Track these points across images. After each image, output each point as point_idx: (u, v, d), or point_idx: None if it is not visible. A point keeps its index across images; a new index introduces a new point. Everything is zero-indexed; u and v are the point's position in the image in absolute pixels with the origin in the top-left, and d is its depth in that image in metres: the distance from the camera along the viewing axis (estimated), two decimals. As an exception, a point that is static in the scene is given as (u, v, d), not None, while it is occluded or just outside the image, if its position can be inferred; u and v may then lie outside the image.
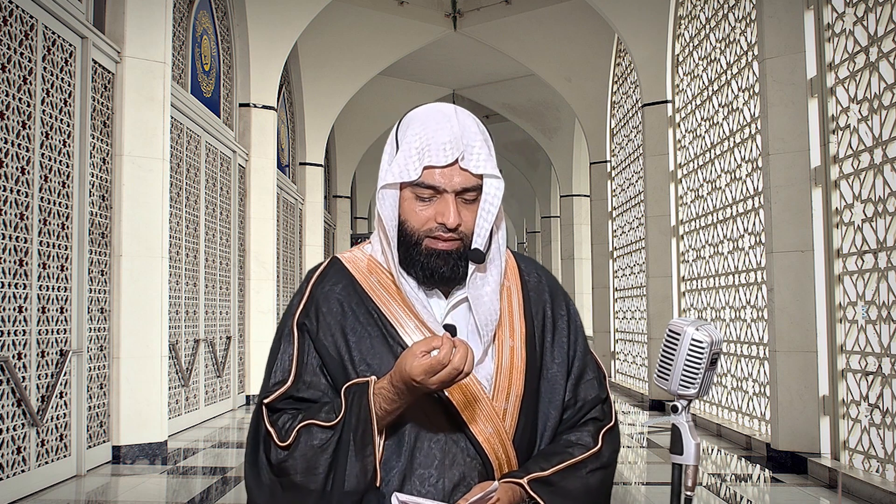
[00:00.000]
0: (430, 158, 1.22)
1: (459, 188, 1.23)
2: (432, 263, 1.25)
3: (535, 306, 1.37)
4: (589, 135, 11.83)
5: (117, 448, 5.25)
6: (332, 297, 1.31)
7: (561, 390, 1.34)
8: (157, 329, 5.45)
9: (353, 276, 1.33)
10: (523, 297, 1.36)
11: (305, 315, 1.31)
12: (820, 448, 5.01)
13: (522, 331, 1.33)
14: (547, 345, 1.36)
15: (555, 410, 1.34)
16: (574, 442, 1.31)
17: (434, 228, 1.24)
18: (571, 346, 1.37)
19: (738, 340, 6.46)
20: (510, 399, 1.28)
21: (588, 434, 1.32)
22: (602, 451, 1.31)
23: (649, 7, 8.29)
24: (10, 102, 4.14)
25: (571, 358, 1.37)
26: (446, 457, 1.24)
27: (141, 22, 5.46)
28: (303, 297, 1.33)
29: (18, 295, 4.17)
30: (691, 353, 1.09)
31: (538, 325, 1.36)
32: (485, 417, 1.25)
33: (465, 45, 12.10)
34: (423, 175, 1.23)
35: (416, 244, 1.25)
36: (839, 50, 4.89)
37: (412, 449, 1.24)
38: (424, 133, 1.24)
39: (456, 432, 1.25)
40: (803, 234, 5.12)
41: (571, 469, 1.28)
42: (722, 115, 6.80)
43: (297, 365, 1.28)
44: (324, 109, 11.61)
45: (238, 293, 8.56)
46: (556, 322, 1.38)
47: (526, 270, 1.41)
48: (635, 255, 9.94)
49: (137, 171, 5.40)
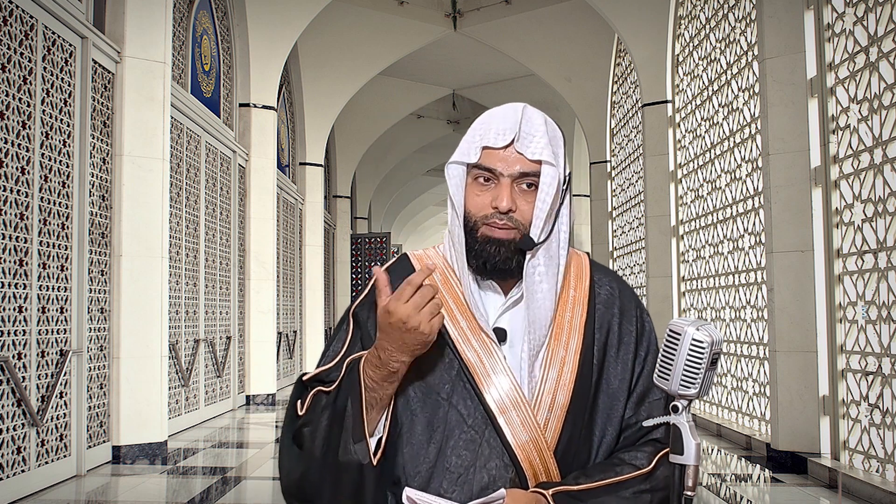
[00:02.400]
0: (488, 140, 1.24)
1: (517, 173, 1.23)
2: (486, 251, 1.24)
3: (601, 320, 1.33)
4: (589, 135, 11.84)
5: (117, 448, 5.25)
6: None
7: (620, 407, 1.30)
8: (157, 329, 5.45)
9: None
10: (588, 309, 1.33)
11: (362, 306, 1.33)
12: (820, 448, 5.01)
13: (579, 343, 1.29)
14: (609, 359, 1.32)
15: (612, 427, 1.30)
16: (625, 461, 1.26)
17: (490, 214, 1.24)
18: (638, 363, 1.33)
19: (738, 340, 6.46)
20: (553, 410, 1.25)
21: (644, 454, 1.26)
22: (655, 473, 1.24)
23: (649, 7, 8.29)
24: (10, 102, 4.14)
25: (636, 376, 1.32)
26: (477, 459, 1.23)
27: (141, 22, 5.46)
28: (366, 288, 1.35)
29: (18, 295, 4.17)
30: (692, 353, 1.09)
31: (600, 338, 1.32)
32: (522, 425, 1.23)
33: (465, 45, 12.10)
34: (482, 157, 1.25)
35: (473, 230, 1.25)
36: (839, 50, 4.89)
37: (442, 445, 1.23)
38: (489, 119, 1.28)
39: (491, 437, 1.23)
40: (803, 234, 5.12)
41: (612, 487, 1.22)
42: (722, 115, 6.80)
43: (344, 353, 1.30)
44: (324, 109, 11.61)
45: (238, 293, 8.56)
46: (623, 338, 1.33)
47: (599, 282, 1.37)
48: (635, 255, 9.94)
49: (137, 171, 5.40)
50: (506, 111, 1.29)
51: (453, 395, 1.25)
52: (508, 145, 1.24)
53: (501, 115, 1.28)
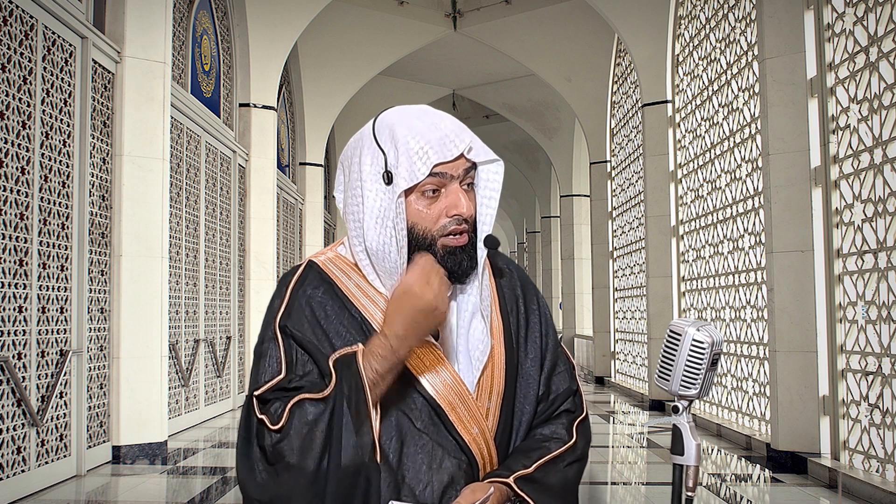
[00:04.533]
0: (438, 155, 1.18)
1: (462, 173, 1.21)
2: (452, 262, 1.21)
3: (510, 303, 1.36)
4: (589, 135, 11.84)
5: (117, 448, 5.25)
6: (314, 301, 1.26)
7: (535, 385, 1.34)
8: (157, 329, 5.45)
9: (331, 280, 1.29)
10: (498, 294, 1.35)
11: (287, 318, 1.25)
12: (820, 448, 5.01)
13: (500, 328, 1.32)
14: (521, 340, 1.35)
15: (529, 405, 1.33)
16: (549, 436, 1.31)
17: (446, 224, 1.20)
18: (543, 339, 1.36)
19: (738, 340, 6.46)
20: (492, 398, 1.27)
21: (562, 427, 1.33)
22: (577, 443, 1.32)
23: (649, 7, 8.29)
24: (10, 102, 4.14)
25: (544, 351, 1.36)
26: (434, 460, 1.22)
27: (141, 22, 5.46)
28: (283, 300, 1.27)
29: (18, 295, 4.17)
30: (692, 353, 1.09)
31: (513, 321, 1.35)
32: (471, 418, 1.24)
33: (465, 45, 12.10)
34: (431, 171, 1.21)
35: (430, 246, 1.21)
36: (839, 50, 4.89)
37: (399, 456, 1.21)
38: (416, 132, 1.20)
39: (442, 435, 1.23)
40: (803, 234, 5.12)
41: (551, 463, 1.27)
42: (722, 115, 6.80)
43: (287, 363, 1.22)
44: (324, 109, 11.61)
45: (238, 293, 8.56)
46: (529, 317, 1.37)
47: (495, 265, 1.39)
48: (635, 255, 9.94)
49: (137, 171, 5.40)
50: (423, 119, 1.22)
51: (398, 399, 1.22)
52: (459, 156, 1.20)
53: (424, 129, 1.20)
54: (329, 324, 1.25)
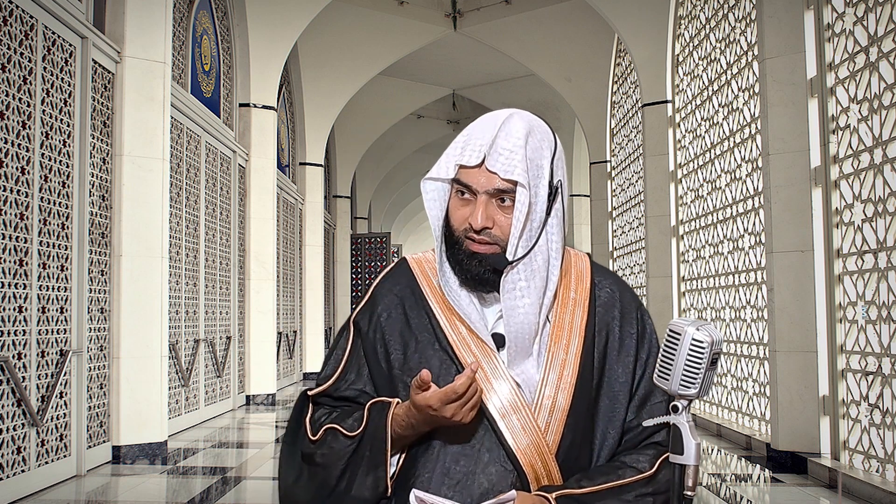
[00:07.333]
0: (463, 158, 1.24)
1: (493, 190, 1.22)
2: (467, 265, 1.25)
3: (601, 322, 1.33)
4: (589, 135, 11.84)
5: (117, 448, 5.25)
6: (391, 297, 1.34)
7: (622, 410, 1.30)
8: (157, 329, 5.45)
9: (414, 277, 1.35)
10: (589, 311, 1.32)
11: (363, 314, 1.36)
12: (820, 448, 5.01)
13: (580, 345, 1.29)
14: (610, 362, 1.32)
15: (613, 430, 1.30)
16: (627, 464, 1.26)
17: (467, 229, 1.24)
18: (640, 366, 1.32)
19: (738, 340, 6.46)
20: (554, 413, 1.25)
21: (646, 458, 1.27)
22: (657, 477, 1.25)
23: (649, 7, 8.29)
24: (10, 102, 4.14)
25: (638, 378, 1.32)
26: (477, 465, 1.23)
27: (141, 22, 5.46)
28: (366, 295, 1.37)
29: (18, 295, 4.17)
30: (692, 353, 1.09)
31: (601, 341, 1.32)
32: (522, 429, 1.23)
33: (465, 45, 12.10)
34: (459, 173, 1.25)
35: (458, 243, 1.25)
36: (839, 50, 4.89)
37: (441, 451, 1.24)
38: (470, 132, 1.26)
39: (491, 441, 1.24)
40: (803, 234, 5.12)
41: (615, 491, 1.23)
42: (722, 115, 6.80)
43: (346, 363, 1.34)
44: (324, 109, 11.61)
45: (238, 293, 8.56)
46: (624, 340, 1.33)
47: (599, 284, 1.36)
48: (635, 255, 9.94)
49: (137, 171, 5.40)
50: (486, 124, 1.26)
51: None
52: (480, 164, 1.22)
53: (481, 129, 1.25)
54: (398, 322, 1.33)
